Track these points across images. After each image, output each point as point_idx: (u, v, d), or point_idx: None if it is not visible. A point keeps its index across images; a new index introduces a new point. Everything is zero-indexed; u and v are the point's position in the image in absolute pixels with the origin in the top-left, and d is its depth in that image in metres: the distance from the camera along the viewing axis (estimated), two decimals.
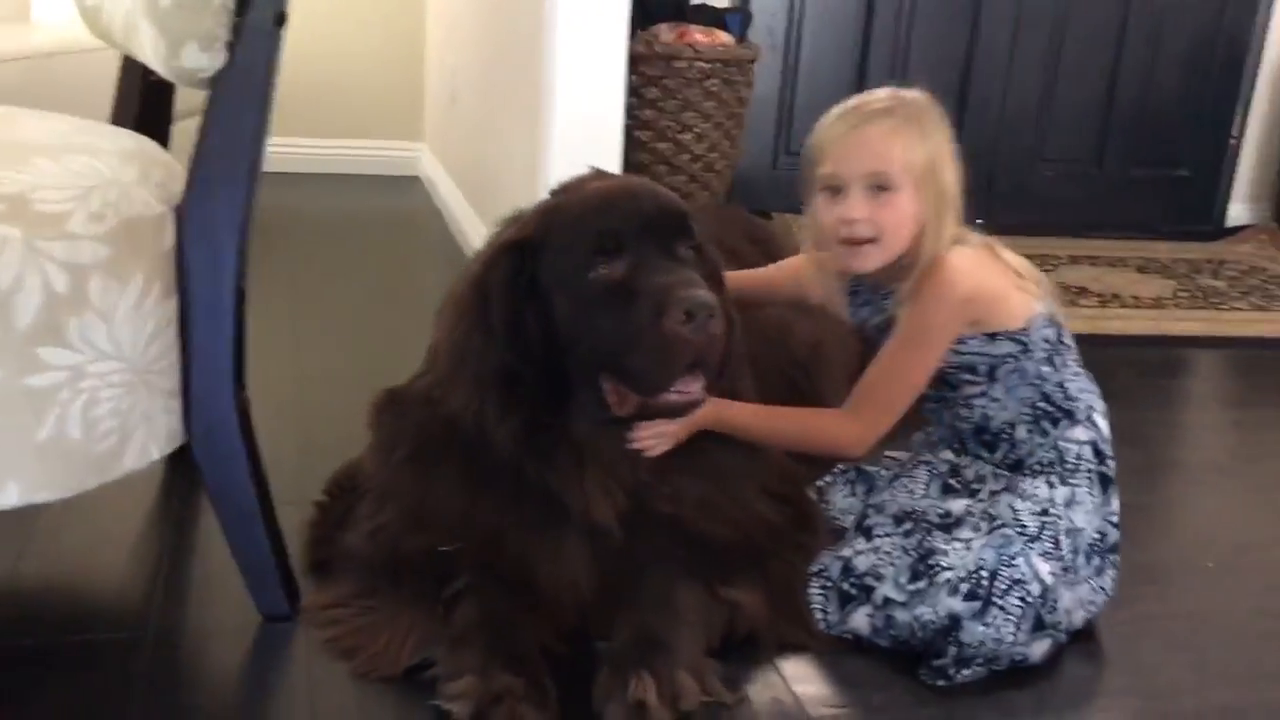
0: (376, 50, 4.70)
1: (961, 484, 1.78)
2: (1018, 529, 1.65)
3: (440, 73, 4.46)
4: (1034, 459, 1.73)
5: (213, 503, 1.62)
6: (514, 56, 3.16)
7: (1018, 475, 1.73)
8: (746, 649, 1.63)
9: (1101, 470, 1.73)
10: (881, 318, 1.79)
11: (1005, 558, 1.61)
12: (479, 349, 1.59)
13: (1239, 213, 4.76)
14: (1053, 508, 1.68)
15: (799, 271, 1.94)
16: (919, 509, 1.75)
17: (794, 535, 1.75)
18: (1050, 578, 1.62)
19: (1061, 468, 1.71)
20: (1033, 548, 1.63)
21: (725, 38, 3.54)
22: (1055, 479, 1.71)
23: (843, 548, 1.74)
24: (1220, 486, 2.42)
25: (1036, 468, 1.72)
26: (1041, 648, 1.62)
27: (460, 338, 1.62)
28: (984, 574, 1.59)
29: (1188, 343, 3.34)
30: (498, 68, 3.41)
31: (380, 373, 1.88)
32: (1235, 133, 4.71)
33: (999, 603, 1.58)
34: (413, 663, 1.53)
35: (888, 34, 4.32)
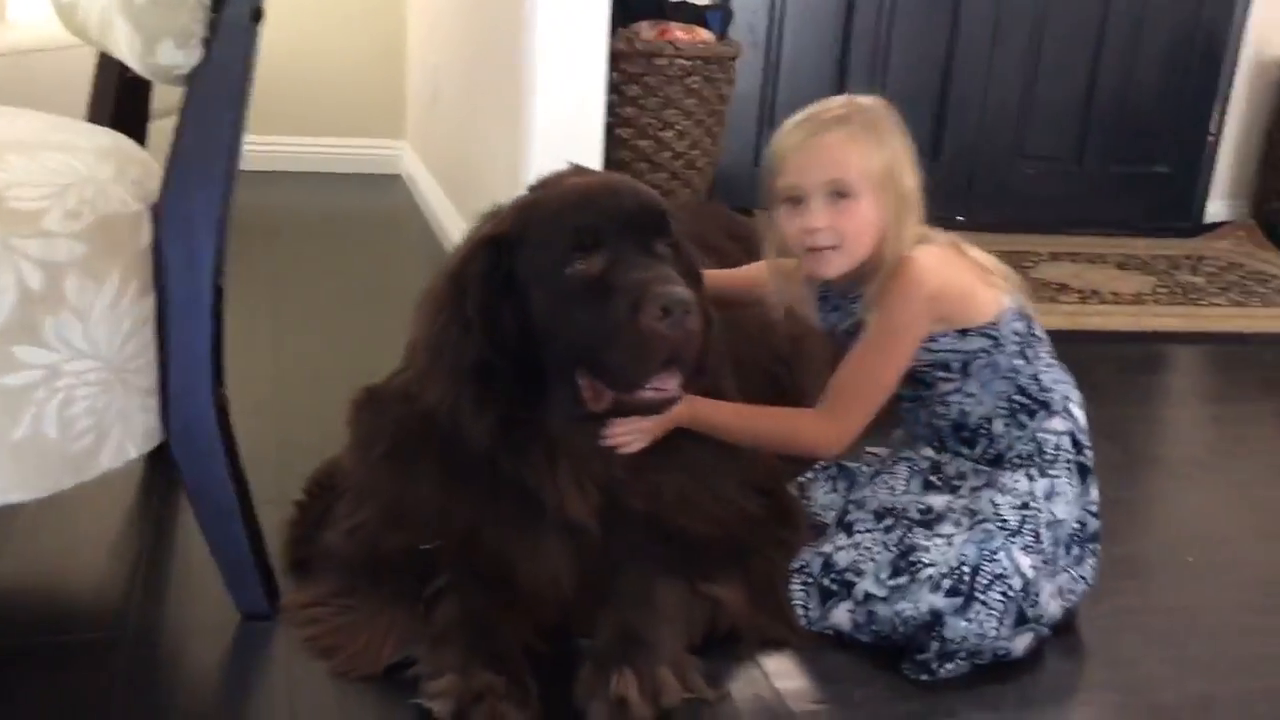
0: (358, 48, 4.69)
1: (943, 481, 1.78)
2: (999, 524, 1.65)
3: (422, 70, 4.45)
4: (1013, 452, 1.74)
5: (191, 501, 1.61)
6: (495, 54, 3.16)
7: (998, 470, 1.73)
8: (728, 645, 1.63)
9: (1080, 460, 1.74)
10: (851, 321, 1.79)
11: (987, 552, 1.61)
12: (455, 343, 1.59)
13: (1218, 209, 4.79)
14: (1033, 501, 1.69)
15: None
16: (900, 505, 1.75)
17: (775, 531, 1.75)
18: (1032, 571, 1.63)
19: (1041, 459, 1.72)
20: (1014, 542, 1.64)
21: (706, 35, 3.55)
22: (1035, 471, 1.71)
23: (824, 544, 1.74)
24: (1200, 481, 2.43)
25: (1016, 461, 1.73)
26: (1024, 641, 1.63)
27: (437, 331, 1.62)
28: (966, 569, 1.60)
29: (1167, 338, 3.36)
30: (479, 65, 3.40)
31: (360, 371, 1.87)
32: (1213, 130, 4.74)
33: (981, 598, 1.59)
34: (393, 661, 1.52)
35: (868, 31, 4.33)
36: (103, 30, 1.61)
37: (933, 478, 1.79)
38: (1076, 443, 1.75)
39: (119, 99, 1.96)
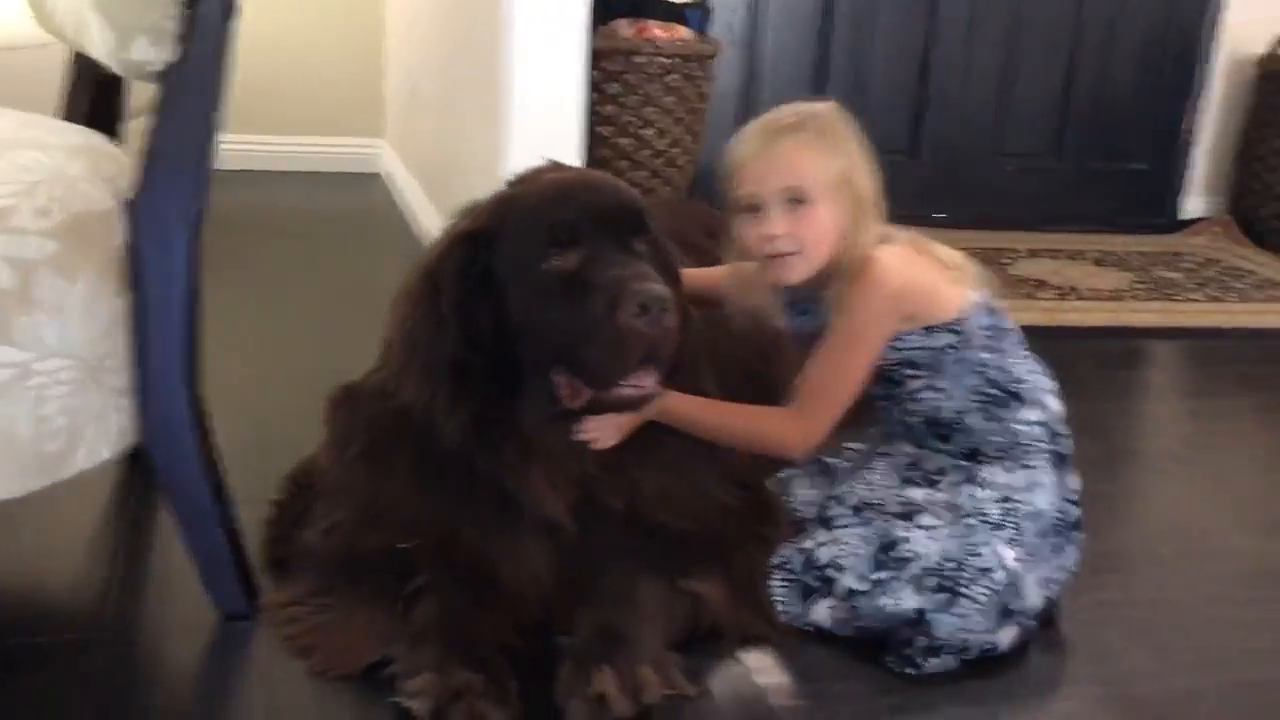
0: (336, 46, 4.68)
1: (922, 476, 1.78)
2: (980, 518, 1.66)
3: (400, 68, 4.44)
4: (990, 445, 1.74)
5: (168, 501, 1.60)
6: (474, 52, 3.15)
7: (975, 464, 1.74)
8: (709, 641, 1.62)
9: (1056, 449, 1.75)
10: (817, 324, 1.80)
11: (970, 547, 1.62)
12: (429, 339, 1.58)
13: (1194, 205, 4.82)
14: (1014, 494, 1.69)
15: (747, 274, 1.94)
16: (879, 499, 1.76)
17: (755, 527, 1.75)
18: (1015, 564, 1.63)
19: (1017, 451, 1.72)
20: (997, 535, 1.64)
21: (684, 33, 3.55)
22: (1012, 463, 1.72)
23: (804, 540, 1.74)
24: (1178, 475, 2.44)
25: (993, 454, 1.73)
26: (1009, 635, 1.64)
27: (412, 328, 1.61)
28: (949, 565, 1.60)
29: (1145, 334, 3.38)
30: (458, 63, 3.39)
31: (338, 369, 1.86)
32: (1190, 127, 4.77)
33: (966, 593, 1.59)
34: (371, 660, 1.51)
35: (848, 29, 4.34)
36: (77, 28, 1.60)
37: (912, 474, 1.79)
38: (1052, 432, 1.75)
39: (93, 98, 1.95)
